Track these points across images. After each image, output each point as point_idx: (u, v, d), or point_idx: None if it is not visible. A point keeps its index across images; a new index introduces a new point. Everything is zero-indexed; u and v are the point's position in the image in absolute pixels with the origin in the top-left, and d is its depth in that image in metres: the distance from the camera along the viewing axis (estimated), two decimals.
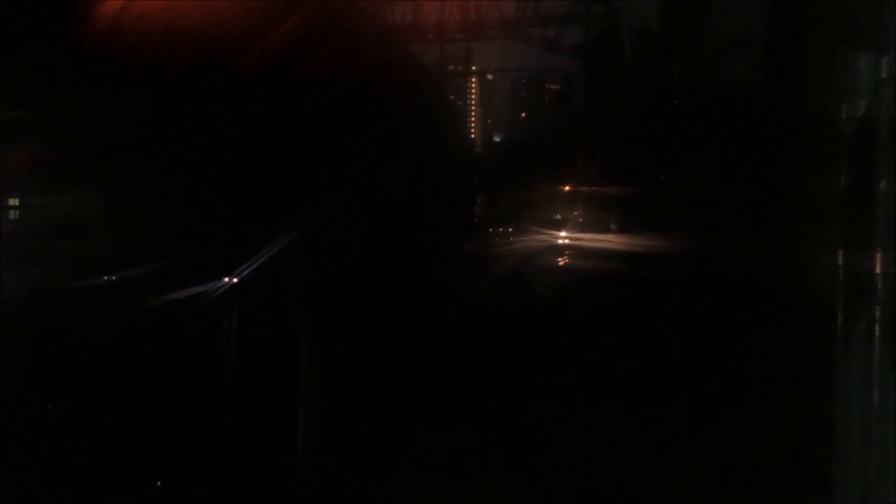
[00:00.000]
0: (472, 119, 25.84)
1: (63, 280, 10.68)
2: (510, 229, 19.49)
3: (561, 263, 17.63)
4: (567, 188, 19.17)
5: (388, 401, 11.20)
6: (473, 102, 25.83)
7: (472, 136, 25.79)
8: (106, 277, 11.06)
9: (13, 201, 11.28)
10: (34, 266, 10.64)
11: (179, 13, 11.34)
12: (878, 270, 6.96)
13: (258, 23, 12.01)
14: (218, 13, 11.65)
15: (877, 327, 6.92)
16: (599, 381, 12.06)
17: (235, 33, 11.75)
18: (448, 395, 11.45)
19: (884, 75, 7.30)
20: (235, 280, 11.58)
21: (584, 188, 18.32)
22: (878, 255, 6.97)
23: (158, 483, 9.90)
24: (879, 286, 6.93)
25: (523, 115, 26.74)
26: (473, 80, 25.66)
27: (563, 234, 18.16)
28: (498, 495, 9.81)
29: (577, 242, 17.66)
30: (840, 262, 7.60)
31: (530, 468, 10.20)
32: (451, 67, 24.39)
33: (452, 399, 11.38)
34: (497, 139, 26.42)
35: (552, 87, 25.74)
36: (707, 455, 9.63)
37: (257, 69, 11.67)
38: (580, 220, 18.16)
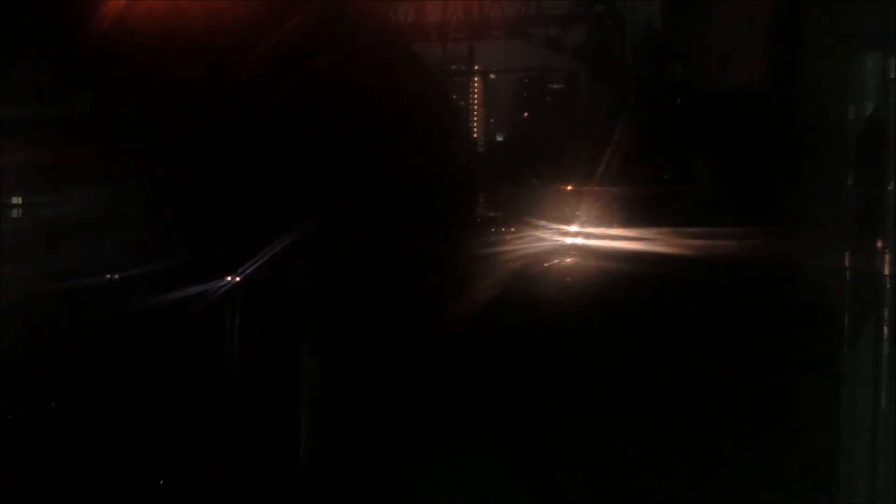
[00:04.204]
0: (475, 119, 25.82)
1: (65, 279, 10.66)
2: (513, 229, 19.45)
3: (569, 262, 17.59)
4: (570, 188, 19.14)
5: (393, 403, 11.18)
6: (476, 102, 25.80)
7: (475, 135, 25.77)
8: (108, 276, 11.05)
9: (15, 200, 11.28)
10: (36, 264, 10.62)
11: (183, 12, 11.33)
12: (885, 272, 6.96)
13: (262, 23, 11.99)
14: (222, 13, 11.64)
15: (885, 329, 6.91)
16: (581, 370, 12.08)
17: (240, 33, 11.74)
18: (454, 398, 11.42)
19: (892, 76, 7.28)
20: (238, 279, 11.55)
21: (586, 188, 18.28)
22: (886, 257, 6.96)
23: (161, 482, 9.88)
24: (887, 287, 6.93)
25: (526, 114, 26.72)
26: (476, 79, 25.64)
27: (567, 234, 18.12)
28: (501, 498, 9.80)
29: (584, 243, 17.62)
30: (847, 264, 7.59)
31: (533, 471, 10.19)
32: (453, 67, 24.35)
33: (459, 402, 11.35)
34: (500, 139, 26.43)
35: (555, 86, 25.74)
36: (712, 455, 9.62)
37: (260, 69, 11.66)
38: (584, 220, 18.12)
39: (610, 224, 17.28)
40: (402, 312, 12.85)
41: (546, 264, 17.58)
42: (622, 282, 14.72)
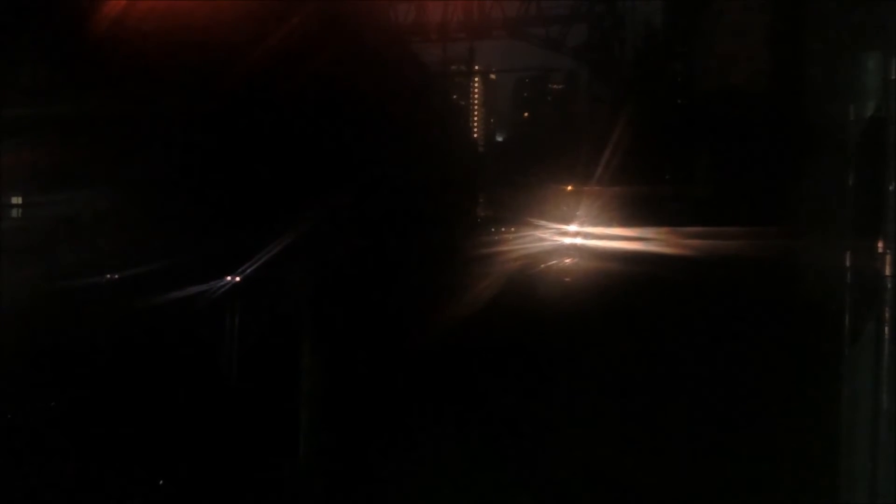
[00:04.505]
0: (475, 118, 25.86)
1: (64, 278, 10.66)
2: (513, 228, 19.48)
3: (567, 263, 17.61)
4: (570, 188, 19.17)
5: (393, 403, 11.16)
6: (476, 102, 25.84)
7: (475, 135, 25.82)
8: (108, 276, 11.05)
9: (15, 199, 11.28)
10: (36, 264, 10.62)
11: (182, 13, 11.33)
12: (886, 272, 6.95)
13: (262, 22, 12.00)
14: (221, 13, 11.64)
15: (885, 329, 6.90)
16: (579, 370, 12.09)
17: (238, 33, 11.74)
18: (454, 398, 11.41)
19: (892, 76, 7.26)
20: (238, 279, 11.56)
21: (586, 188, 18.29)
22: (887, 257, 6.95)
23: (160, 482, 9.87)
24: (888, 288, 6.91)
25: (526, 114, 26.76)
26: (476, 79, 25.68)
27: (567, 234, 18.13)
28: (501, 498, 9.78)
29: (583, 243, 17.63)
30: (848, 264, 7.58)
31: (534, 471, 10.18)
32: (454, 67, 24.39)
33: (458, 401, 11.34)
34: (500, 138, 26.48)
35: (555, 86, 25.78)
36: (712, 454, 9.61)
37: (260, 69, 11.66)
38: (584, 220, 18.14)
39: (610, 224, 17.30)
40: (401, 312, 12.85)
41: (545, 265, 17.60)
42: (621, 282, 14.74)
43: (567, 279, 17.32)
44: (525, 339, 13.38)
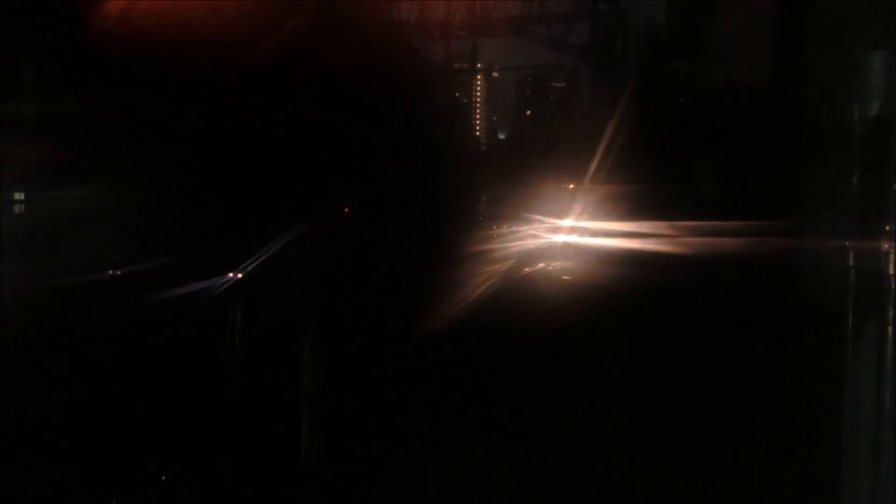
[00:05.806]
0: (478, 116, 25.82)
1: (67, 275, 10.67)
2: (514, 227, 19.46)
3: (568, 263, 17.60)
4: (572, 186, 19.13)
5: (395, 402, 11.16)
6: (478, 100, 25.80)
7: (478, 133, 25.79)
8: (110, 272, 11.06)
9: (18, 196, 11.30)
10: (38, 261, 10.63)
11: (184, 11, 11.33)
12: (890, 272, 6.95)
13: (263, 21, 11.99)
14: (225, 11, 11.63)
15: (889, 329, 6.90)
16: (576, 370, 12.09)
17: (240, 31, 11.73)
18: (456, 397, 11.40)
19: None
20: (240, 275, 11.56)
21: (589, 186, 18.26)
22: (891, 257, 6.95)
23: (163, 478, 9.88)
24: (892, 287, 6.92)
25: (528, 112, 26.70)
26: (478, 77, 25.63)
27: (570, 232, 18.11)
28: (501, 498, 9.78)
29: (586, 242, 17.61)
30: (851, 264, 7.58)
31: (533, 468, 10.18)
32: (456, 65, 24.34)
33: (460, 401, 11.33)
34: (502, 136, 26.42)
35: (558, 84, 25.71)
36: (714, 454, 9.61)
37: (261, 67, 11.66)
38: (587, 218, 18.11)
39: (611, 223, 17.28)
40: (405, 309, 12.84)
41: (544, 264, 17.61)
42: (621, 279, 14.72)
43: (566, 277, 17.34)
44: (524, 339, 13.36)
